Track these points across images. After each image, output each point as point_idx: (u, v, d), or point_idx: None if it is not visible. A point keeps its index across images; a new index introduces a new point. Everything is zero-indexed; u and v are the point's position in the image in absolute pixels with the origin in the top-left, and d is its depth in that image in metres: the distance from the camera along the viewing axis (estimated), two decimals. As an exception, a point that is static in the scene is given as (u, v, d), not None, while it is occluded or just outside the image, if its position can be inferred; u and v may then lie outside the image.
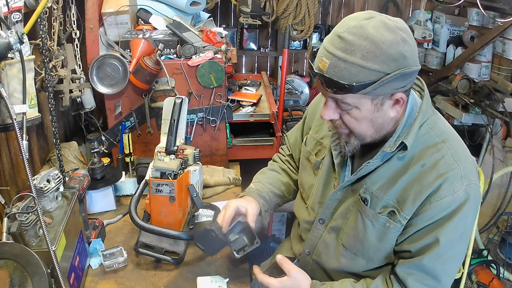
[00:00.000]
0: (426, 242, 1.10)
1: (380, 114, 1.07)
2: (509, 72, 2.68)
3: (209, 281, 1.34)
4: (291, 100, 2.96)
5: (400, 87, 1.02)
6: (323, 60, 1.01)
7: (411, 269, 1.12)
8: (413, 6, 3.32)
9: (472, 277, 2.43)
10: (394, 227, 1.13)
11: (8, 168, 1.59)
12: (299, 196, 1.46)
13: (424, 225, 1.10)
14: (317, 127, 1.39)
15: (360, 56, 0.96)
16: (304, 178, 1.41)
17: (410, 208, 1.10)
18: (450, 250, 1.09)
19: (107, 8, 1.90)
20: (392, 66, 0.97)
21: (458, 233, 1.09)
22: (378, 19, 0.99)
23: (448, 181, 1.06)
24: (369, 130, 1.10)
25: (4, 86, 1.21)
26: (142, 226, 1.35)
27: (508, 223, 2.61)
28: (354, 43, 0.97)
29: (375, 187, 1.15)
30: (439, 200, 1.07)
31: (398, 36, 0.98)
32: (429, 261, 1.09)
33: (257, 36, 3.19)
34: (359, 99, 1.02)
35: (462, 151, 1.13)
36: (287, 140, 1.60)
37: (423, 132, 1.13)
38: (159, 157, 1.43)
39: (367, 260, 1.22)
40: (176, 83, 1.84)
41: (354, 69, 0.97)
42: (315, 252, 1.34)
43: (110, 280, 1.38)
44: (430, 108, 1.16)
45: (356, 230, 1.20)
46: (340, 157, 1.25)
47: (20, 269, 1.03)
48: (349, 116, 1.08)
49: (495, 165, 2.59)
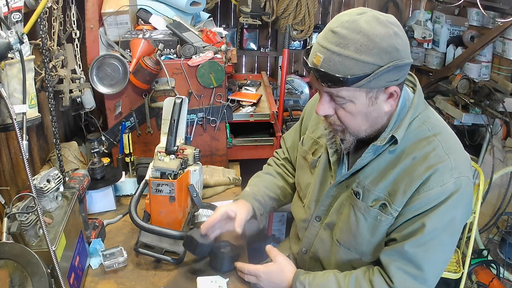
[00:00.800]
0: (411, 229, 1.10)
1: (374, 108, 1.08)
2: (509, 72, 2.68)
3: (209, 281, 1.34)
4: (291, 100, 2.96)
5: (393, 80, 1.03)
6: (317, 55, 1.03)
7: (394, 255, 1.12)
8: (413, 6, 3.32)
9: (472, 277, 2.44)
10: (386, 220, 1.14)
11: (8, 168, 1.59)
12: (296, 196, 1.47)
13: (412, 215, 1.11)
14: (313, 126, 1.40)
15: (354, 50, 0.98)
16: (301, 177, 1.42)
17: (400, 200, 1.11)
18: (434, 239, 1.09)
19: (107, 8, 1.90)
20: (385, 58, 0.99)
21: (443, 222, 1.08)
22: (370, 14, 1.01)
23: (438, 172, 1.07)
24: (363, 125, 1.11)
25: (4, 86, 1.21)
26: (142, 226, 1.35)
27: (508, 223, 2.61)
28: (347, 37, 0.99)
29: (367, 181, 1.17)
30: (428, 191, 1.07)
31: (390, 30, 1.00)
32: (410, 246, 1.09)
33: (257, 36, 3.19)
34: (354, 92, 1.04)
35: (454, 144, 1.14)
36: (283, 143, 1.62)
37: (415, 126, 1.14)
38: (159, 157, 1.43)
39: (360, 255, 1.23)
40: (176, 83, 1.84)
41: (348, 62, 0.99)
42: (312, 249, 1.35)
43: (110, 280, 1.38)
44: (423, 103, 1.18)
45: (349, 225, 1.21)
46: (336, 155, 1.27)
47: (20, 269, 1.03)
48: (344, 110, 1.09)
49: (495, 165, 2.59)
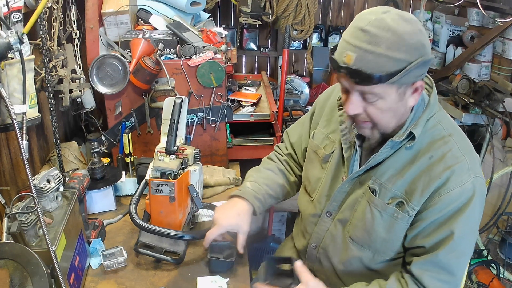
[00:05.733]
0: (440, 236, 1.11)
1: (402, 103, 1.10)
2: (509, 72, 2.68)
3: (209, 281, 1.34)
4: (291, 100, 2.96)
5: (420, 75, 1.06)
6: (348, 54, 1.03)
7: (427, 265, 1.13)
8: (413, 6, 3.32)
9: (472, 277, 2.44)
10: (402, 218, 1.15)
11: (8, 168, 1.59)
12: (303, 190, 1.46)
13: (435, 217, 1.12)
14: (325, 122, 1.40)
15: (386, 47, 0.99)
16: (310, 171, 1.41)
17: (418, 199, 1.13)
18: (463, 243, 1.12)
19: (107, 8, 1.90)
20: (414, 54, 1.01)
21: (469, 226, 1.12)
22: (394, 12, 1.04)
23: (456, 173, 1.10)
24: (392, 121, 1.13)
25: (4, 86, 1.21)
26: (142, 226, 1.35)
27: (508, 223, 2.61)
28: (378, 35, 1.00)
29: (383, 178, 1.18)
30: (448, 192, 1.10)
31: (415, 27, 1.03)
32: (444, 255, 1.11)
33: (257, 36, 3.19)
34: (385, 89, 1.05)
35: (467, 145, 1.17)
36: (287, 137, 1.59)
37: (431, 126, 1.16)
38: (159, 157, 1.43)
39: (373, 253, 1.23)
40: (176, 83, 1.84)
41: (381, 60, 1.00)
42: (322, 245, 1.34)
43: (110, 280, 1.38)
44: (437, 104, 1.20)
45: (364, 221, 1.21)
46: (350, 150, 1.27)
47: (20, 269, 1.03)
48: (374, 108, 1.10)
49: (495, 165, 2.59)
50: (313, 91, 3.22)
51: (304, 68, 3.43)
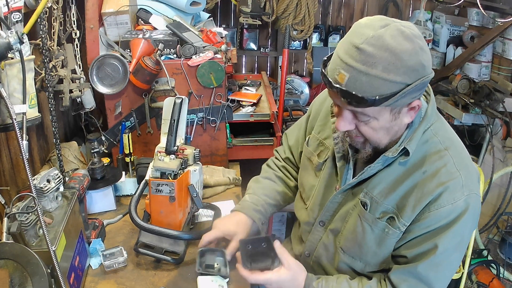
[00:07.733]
0: (423, 249, 1.09)
1: (396, 122, 1.05)
2: (509, 72, 2.68)
3: (209, 281, 1.33)
4: (291, 100, 2.96)
5: (418, 95, 1.00)
6: (341, 73, 0.96)
7: (406, 275, 1.12)
8: (413, 6, 3.32)
9: (472, 277, 2.43)
10: (393, 233, 1.13)
11: (8, 168, 1.59)
12: (299, 197, 1.45)
13: (422, 232, 1.10)
14: (320, 127, 1.37)
15: (382, 69, 0.93)
16: (305, 178, 1.40)
17: (409, 215, 1.10)
18: (445, 259, 1.09)
19: (107, 8, 1.90)
20: (412, 76, 0.95)
21: (455, 242, 1.08)
22: (394, 27, 0.95)
23: (449, 190, 1.06)
24: (384, 138, 1.09)
25: (4, 86, 1.21)
26: (142, 226, 1.35)
27: (508, 223, 2.61)
28: (374, 55, 0.93)
29: (375, 192, 1.15)
30: (438, 209, 1.06)
31: (416, 45, 0.95)
32: (423, 268, 1.09)
33: (257, 36, 3.19)
34: (379, 111, 1.00)
35: (464, 159, 1.12)
36: (285, 140, 1.58)
37: (427, 138, 1.12)
38: (159, 157, 1.43)
39: (364, 264, 1.22)
40: (176, 83, 1.84)
41: (376, 82, 0.94)
42: (315, 254, 1.34)
43: (110, 280, 1.38)
44: (435, 113, 1.15)
45: (355, 234, 1.19)
46: (343, 160, 1.24)
47: (20, 269, 1.02)
48: (366, 126, 1.05)
49: (495, 165, 2.59)
50: (313, 91, 3.23)
51: (304, 68, 3.43)
